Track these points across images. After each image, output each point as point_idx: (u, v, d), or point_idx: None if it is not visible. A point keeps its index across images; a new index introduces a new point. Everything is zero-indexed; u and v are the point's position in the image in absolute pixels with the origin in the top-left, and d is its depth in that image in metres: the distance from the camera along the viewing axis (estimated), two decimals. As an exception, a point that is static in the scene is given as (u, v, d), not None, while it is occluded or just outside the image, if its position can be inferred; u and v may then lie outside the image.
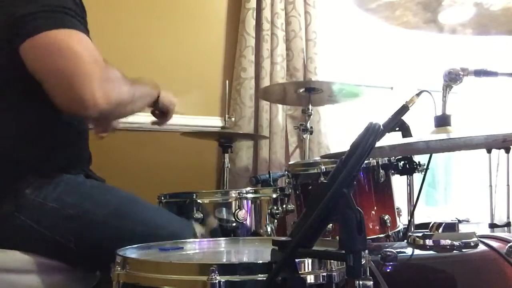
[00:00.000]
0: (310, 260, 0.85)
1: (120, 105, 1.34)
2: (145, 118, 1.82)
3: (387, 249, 1.09)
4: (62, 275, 1.33)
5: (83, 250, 1.31)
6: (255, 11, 2.59)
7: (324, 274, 0.85)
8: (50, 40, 1.19)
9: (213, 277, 0.80)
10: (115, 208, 1.35)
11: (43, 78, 1.22)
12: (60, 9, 1.23)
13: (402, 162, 1.85)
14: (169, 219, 1.48)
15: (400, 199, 1.92)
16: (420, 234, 1.18)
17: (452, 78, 1.40)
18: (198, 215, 1.66)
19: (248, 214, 1.69)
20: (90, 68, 1.20)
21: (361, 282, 0.71)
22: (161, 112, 1.67)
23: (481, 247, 1.17)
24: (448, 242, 1.14)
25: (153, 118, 1.73)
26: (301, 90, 2.24)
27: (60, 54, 1.19)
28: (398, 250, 1.15)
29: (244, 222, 1.69)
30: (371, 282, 0.72)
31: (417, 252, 1.18)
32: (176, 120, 2.20)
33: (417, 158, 1.85)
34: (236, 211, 1.66)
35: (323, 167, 1.76)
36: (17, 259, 1.28)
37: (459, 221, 1.55)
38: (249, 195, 1.71)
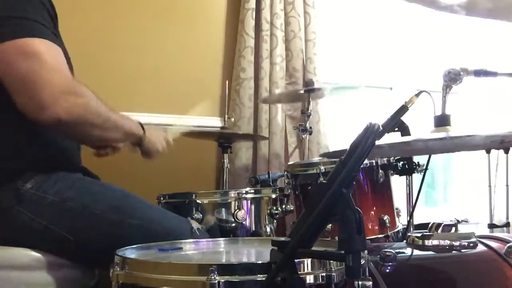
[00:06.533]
0: (309, 261, 0.85)
1: (85, 123, 1.30)
2: (145, 118, 1.82)
3: (386, 250, 1.09)
4: (62, 272, 1.34)
5: (82, 244, 1.32)
6: (254, 12, 2.59)
7: (324, 274, 0.85)
8: (19, 47, 1.23)
9: (213, 277, 0.80)
10: (112, 202, 1.37)
11: (8, 80, 1.25)
12: (30, 16, 1.25)
13: (401, 162, 1.85)
14: (164, 214, 1.49)
15: (399, 200, 1.92)
16: (419, 235, 1.18)
17: (452, 78, 1.40)
18: (198, 215, 1.66)
19: (248, 215, 1.69)
20: (52, 76, 1.23)
21: (360, 283, 0.71)
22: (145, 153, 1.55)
23: (480, 248, 1.17)
24: (447, 242, 1.14)
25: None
26: (300, 91, 2.24)
27: (27, 59, 1.22)
28: (397, 250, 1.15)
29: (244, 223, 1.69)
30: (370, 283, 0.72)
31: (416, 252, 1.18)
32: (176, 120, 2.21)
33: (416, 159, 1.85)
34: (236, 212, 1.66)
35: (322, 167, 1.76)
36: (18, 256, 1.29)
37: (458, 222, 1.56)
38: (249, 196, 1.71)
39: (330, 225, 1.60)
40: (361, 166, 0.81)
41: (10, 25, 1.24)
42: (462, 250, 1.16)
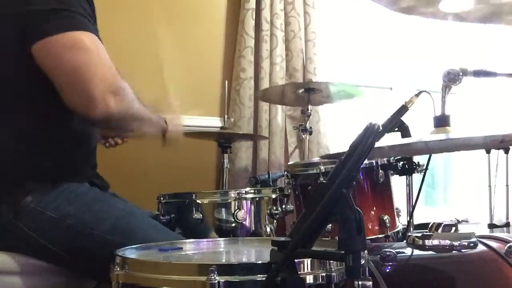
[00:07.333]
0: (309, 261, 0.85)
1: (131, 117, 1.34)
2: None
3: (386, 249, 1.09)
4: (61, 277, 1.33)
5: (78, 261, 1.31)
6: (254, 12, 2.59)
7: (323, 274, 0.85)
8: (69, 41, 1.23)
9: (212, 277, 0.80)
10: (113, 222, 1.33)
11: (58, 74, 1.24)
12: (76, 9, 1.26)
13: (402, 162, 1.85)
14: (167, 236, 1.47)
15: (399, 200, 1.92)
16: (419, 235, 1.18)
17: (451, 79, 1.40)
18: (198, 215, 1.65)
19: (248, 215, 1.69)
20: (102, 71, 1.24)
21: (360, 283, 0.71)
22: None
23: (480, 248, 1.17)
24: (447, 242, 1.14)
25: None
26: (300, 91, 2.24)
27: (78, 53, 1.23)
28: (397, 250, 1.14)
29: (244, 223, 1.68)
30: (370, 283, 0.72)
31: (416, 252, 1.18)
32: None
33: (416, 159, 1.85)
34: (236, 212, 1.65)
35: (322, 167, 1.76)
36: (14, 262, 1.28)
37: (458, 222, 1.56)
38: (249, 196, 1.71)
39: (330, 225, 1.61)
40: (361, 166, 0.81)
41: (57, 18, 1.23)
42: (462, 250, 1.15)
